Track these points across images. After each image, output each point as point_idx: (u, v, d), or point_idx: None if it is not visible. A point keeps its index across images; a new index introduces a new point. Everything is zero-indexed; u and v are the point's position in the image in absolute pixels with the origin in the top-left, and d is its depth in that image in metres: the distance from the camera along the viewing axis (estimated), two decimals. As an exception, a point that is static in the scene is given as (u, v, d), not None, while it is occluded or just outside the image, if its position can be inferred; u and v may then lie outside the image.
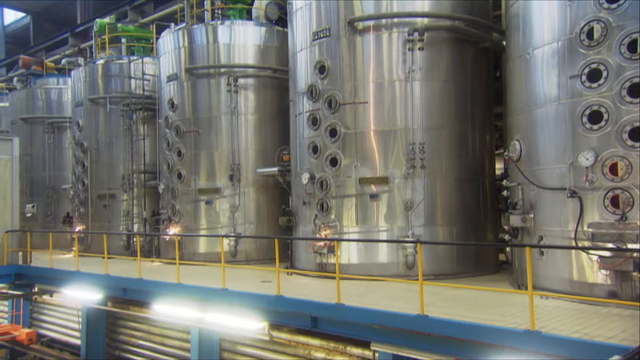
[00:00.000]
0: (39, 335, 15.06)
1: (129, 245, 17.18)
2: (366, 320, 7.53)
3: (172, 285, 10.53)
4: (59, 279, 13.40)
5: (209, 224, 14.59)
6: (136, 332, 13.20)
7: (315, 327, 8.39)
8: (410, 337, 7.05)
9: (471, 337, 6.30)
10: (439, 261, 10.46)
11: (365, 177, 10.84)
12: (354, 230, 10.92)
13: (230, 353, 11.04)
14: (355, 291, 9.07)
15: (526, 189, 8.79)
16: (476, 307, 7.47)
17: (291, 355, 9.96)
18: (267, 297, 8.97)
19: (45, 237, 16.68)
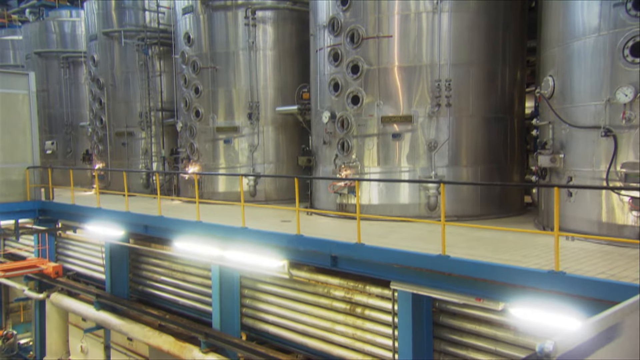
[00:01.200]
0: (65, 269, 15.77)
1: (149, 183, 17.51)
2: (386, 260, 7.64)
3: (193, 223, 10.77)
4: (81, 216, 13.83)
5: (227, 163, 14.70)
6: (158, 269, 13.71)
7: (335, 267, 8.56)
8: (431, 277, 7.15)
9: (493, 277, 6.36)
10: (462, 202, 10.44)
11: (387, 116, 10.66)
12: (375, 170, 10.88)
13: (250, 290, 11.43)
14: (376, 232, 9.16)
15: (557, 128, 8.56)
16: (499, 248, 7.50)
17: (311, 294, 10.25)
18: (287, 236, 9.12)
19: (65, 174, 17.09)
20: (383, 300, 8.96)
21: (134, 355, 13.42)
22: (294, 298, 10.53)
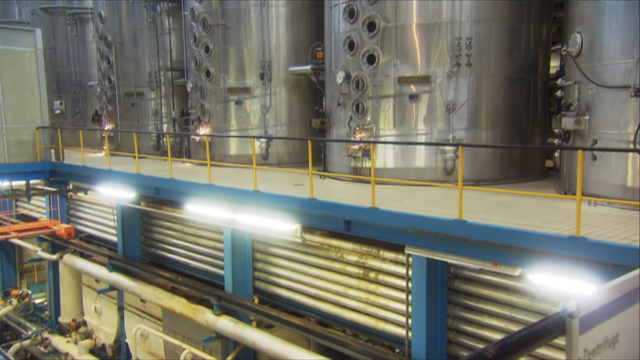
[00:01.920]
0: (77, 231, 16.11)
1: (159, 145, 17.60)
2: (401, 224, 7.65)
3: (204, 186, 10.85)
4: (92, 177, 14.00)
5: (239, 125, 14.68)
6: (170, 232, 13.93)
7: (349, 231, 8.61)
8: (447, 242, 7.16)
9: (511, 242, 6.34)
10: (481, 166, 10.34)
11: (404, 76, 10.48)
12: (391, 133, 10.78)
13: (262, 254, 11.58)
14: (391, 196, 9.15)
15: (583, 88, 8.35)
16: (518, 213, 7.46)
17: (324, 258, 10.36)
18: (299, 199, 9.16)
19: (75, 135, 17.23)
20: (397, 265, 9.03)
21: (147, 316, 13.79)
22: (306, 262, 10.66)
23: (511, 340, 1.41)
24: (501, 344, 1.37)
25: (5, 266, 19.86)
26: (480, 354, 1.33)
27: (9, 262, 19.98)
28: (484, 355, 1.33)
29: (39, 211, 18.22)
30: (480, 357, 1.32)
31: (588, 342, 1.63)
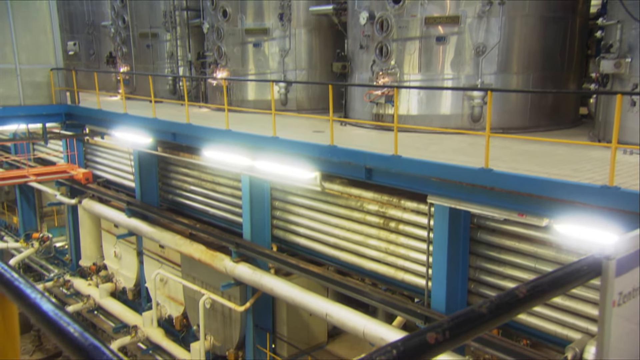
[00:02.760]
0: (94, 176, 16.39)
1: (175, 89, 17.53)
2: (424, 173, 7.56)
3: (222, 131, 10.82)
4: (108, 121, 14.08)
5: (257, 69, 14.46)
6: (188, 178, 14.07)
7: (370, 179, 8.56)
8: (471, 191, 7.08)
9: (539, 192, 6.23)
10: (509, 114, 10.08)
11: (432, 16, 10.09)
12: (416, 78, 10.51)
13: (281, 202, 11.66)
14: (414, 143, 9.02)
15: (626, 28, 7.94)
16: (548, 162, 7.30)
17: (343, 207, 10.39)
18: (319, 146, 9.09)
19: (90, 77, 17.21)
20: (418, 215, 9.02)
21: (166, 262, 14.17)
22: (326, 211, 10.71)
23: (544, 280, 1.36)
24: (534, 284, 1.32)
25: (25, 209, 20.46)
26: (511, 293, 1.28)
27: (29, 205, 20.57)
28: (515, 295, 1.28)
29: (56, 155, 18.52)
30: (512, 297, 1.28)
31: (623, 285, 1.59)
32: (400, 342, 1.16)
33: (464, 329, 1.23)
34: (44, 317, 1.28)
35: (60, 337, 1.23)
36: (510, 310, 1.30)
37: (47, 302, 1.31)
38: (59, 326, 1.24)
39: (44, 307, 1.29)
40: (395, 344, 1.15)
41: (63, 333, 1.23)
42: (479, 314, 1.26)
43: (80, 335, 1.20)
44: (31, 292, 1.35)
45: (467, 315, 1.25)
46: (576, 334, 7.09)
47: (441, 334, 1.19)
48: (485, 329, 1.28)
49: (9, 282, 1.42)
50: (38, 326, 1.27)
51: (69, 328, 1.23)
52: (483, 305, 1.27)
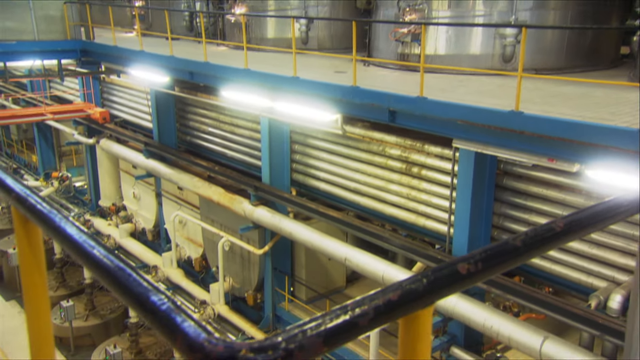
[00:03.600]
0: (111, 116, 16.51)
1: (192, 26, 17.26)
2: (450, 116, 7.43)
3: (241, 70, 10.70)
4: (124, 59, 14.01)
5: (277, 5, 14.11)
6: (206, 119, 14.08)
7: (393, 122, 8.46)
8: (499, 135, 6.95)
9: (572, 135, 6.08)
10: (544, 53, 9.72)
11: (465, -52, 9.61)
12: (445, 14, 10.15)
13: (301, 145, 11.65)
14: (440, 85, 8.83)
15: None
16: (583, 105, 7.09)
17: (365, 151, 10.35)
18: (341, 87, 8.95)
19: (104, 12, 17.00)
20: (442, 160, 8.95)
21: (185, 204, 14.43)
22: (346, 155, 10.69)
23: (583, 214, 1.32)
24: (572, 218, 1.29)
25: (44, 148, 20.85)
26: (548, 226, 1.25)
27: (47, 144, 20.93)
28: (552, 228, 1.25)
29: (72, 93, 18.62)
30: (548, 230, 1.25)
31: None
32: (431, 271, 1.15)
33: (497, 260, 1.22)
34: (69, 240, 1.29)
35: (86, 260, 1.25)
36: (545, 244, 1.27)
37: (72, 226, 1.32)
38: (84, 249, 1.25)
39: (69, 230, 1.31)
40: (426, 273, 1.14)
41: (88, 255, 1.24)
42: (513, 246, 1.24)
43: (106, 258, 1.22)
44: (55, 215, 1.37)
45: (500, 248, 1.23)
46: (601, 282, 7.11)
47: (473, 265, 1.18)
48: (518, 262, 1.26)
49: (32, 206, 1.44)
50: (64, 248, 1.29)
51: (94, 251, 1.24)
52: (517, 238, 1.25)
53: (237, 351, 0.94)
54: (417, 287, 1.12)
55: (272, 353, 0.94)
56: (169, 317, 1.03)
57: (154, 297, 1.08)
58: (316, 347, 0.98)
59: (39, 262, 1.52)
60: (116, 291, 1.16)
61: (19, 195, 1.49)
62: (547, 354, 6.62)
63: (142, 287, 1.12)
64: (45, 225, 1.37)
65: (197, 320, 1.01)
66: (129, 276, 1.16)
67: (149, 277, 14.63)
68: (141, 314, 1.08)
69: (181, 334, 0.99)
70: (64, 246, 1.31)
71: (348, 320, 1.02)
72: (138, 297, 1.11)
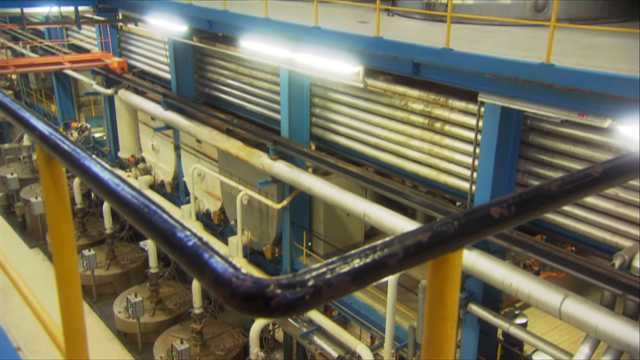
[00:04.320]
0: (129, 66, 16.48)
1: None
2: (477, 68, 7.25)
3: (260, 20, 10.52)
4: (141, 6, 13.85)
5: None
6: (224, 71, 13.98)
7: (417, 75, 8.29)
8: (528, 89, 6.78)
9: (605, 89, 5.89)
10: (579, 2, 9.32)
11: None
12: (475, -38, 9.76)
13: (321, 99, 11.54)
14: (468, 36, 8.60)
15: None
16: (618, 57, 6.86)
17: (386, 105, 10.21)
18: (364, 38, 8.76)
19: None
20: (467, 115, 8.80)
21: (203, 157, 14.52)
22: (367, 110, 10.57)
23: (622, 161, 1.28)
24: (612, 164, 1.25)
25: (63, 98, 21.00)
26: (586, 172, 1.21)
27: (66, 94, 21.07)
28: (589, 174, 1.22)
29: (90, 42, 18.57)
30: (586, 176, 1.21)
31: None
32: (463, 214, 1.13)
33: (531, 205, 1.19)
34: (93, 177, 1.30)
35: (112, 197, 1.25)
36: (582, 190, 1.24)
37: (96, 164, 1.32)
38: (110, 186, 1.26)
39: (93, 168, 1.31)
40: (457, 216, 1.12)
41: (114, 193, 1.25)
42: (548, 190, 1.21)
43: (131, 195, 1.22)
44: (79, 153, 1.37)
45: (535, 192, 1.20)
46: (626, 241, 7.04)
47: (506, 209, 1.15)
48: (553, 207, 1.23)
49: (56, 144, 1.44)
50: (88, 185, 1.30)
51: (120, 188, 1.25)
52: (553, 182, 1.22)
53: (265, 287, 0.94)
54: (448, 230, 1.10)
55: (300, 290, 0.94)
56: (196, 253, 1.03)
57: (181, 234, 1.09)
58: (345, 285, 0.98)
59: (64, 200, 1.54)
60: (143, 228, 1.17)
61: (42, 133, 1.49)
62: (567, 312, 6.65)
63: (169, 224, 1.12)
64: (69, 163, 1.38)
65: (224, 257, 1.02)
66: (155, 213, 1.16)
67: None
68: (168, 251, 1.09)
69: (209, 270, 0.99)
70: (89, 184, 1.31)
71: (377, 259, 1.02)
72: (165, 234, 1.11)
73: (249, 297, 0.93)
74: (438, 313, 1.19)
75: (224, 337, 14.21)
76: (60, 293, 1.62)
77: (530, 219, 1.21)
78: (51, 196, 1.55)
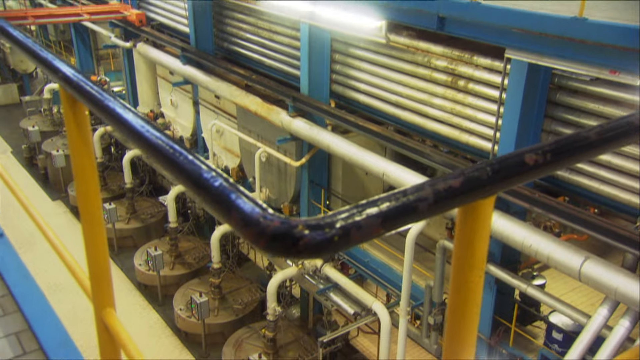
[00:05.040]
0: (148, 19, 16.32)
1: None
2: (505, 22, 7.04)
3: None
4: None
5: None
6: (244, 25, 13.78)
7: (442, 29, 8.10)
8: (557, 45, 6.58)
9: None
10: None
11: None
12: None
13: (342, 55, 11.35)
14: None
15: None
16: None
17: (408, 62, 10.01)
18: (387, -10, 8.52)
19: None
20: (492, 72, 8.60)
21: (222, 113, 14.51)
22: (389, 66, 10.38)
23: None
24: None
25: (82, 50, 21.00)
26: (626, 120, 1.17)
27: (84, 46, 21.05)
28: (631, 122, 1.17)
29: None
30: (627, 124, 1.17)
31: None
32: (496, 160, 1.10)
33: (567, 153, 1.15)
34: (117, 118, 1.29)
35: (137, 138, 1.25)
36: (621, 139, 1.20)
37: (121, 106, 1.31)
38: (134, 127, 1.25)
39: (117, 109, 1.30)
40: (490, 162, 1.09)
41: (139, 134, 1.24)
42: (586, 138, 1.17)
43: (156, 136, 1.21)
44: (102, 94, 1.36)
45: (571, 139, 1.16)
46: (652, 204, 6.94)
47: (541, 156, 1.12)
48: (590, 156, 1.19)
49: (80, 86, 1.43)
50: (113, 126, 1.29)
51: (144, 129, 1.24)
52: (592, 130, 1.18)
53: (293, 227, 0.93)
54: (481, 175, 1.07)
55: (328, 231, 0.93)
56: (222, 194, 1.02)
57: (207, 175, 1.08)
58: (373, 228, 0.96)
59: (87, 143, 1.54)
60: (168, 169, 1.16)
61: (66, 75, 1.48)
62: (587, 274, 6.63)
63: (195, 165, 1.11)
64: (93, 104, 1.37)
65: (251, 197, 1.01)
66: (181, 154, 1.15)
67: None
68: (194, 192, 1.08)
69: (236, 210, 0.98)
70: (114, 125, 1.30)
71: (407, 203, 1.00)
72: (191, 175, 1.10)
73: (276, 237, 0.92)
74: (466, 261, 1.17)
75: (242, 292, 14.51)
76: (86, 234, 1.64)
77: (565, 167, 1.18)
78: (75, 139, 1.55)
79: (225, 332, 13.62)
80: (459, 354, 1.24)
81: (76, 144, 1.54)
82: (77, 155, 1.54)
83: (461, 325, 1.22)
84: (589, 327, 6.94)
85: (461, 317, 1.22)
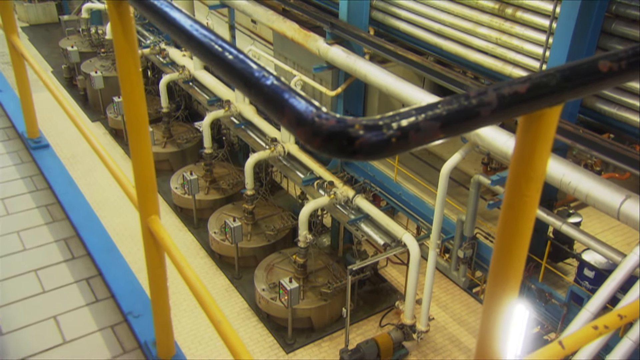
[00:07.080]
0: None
1: None
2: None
3: None
4: None
5: None
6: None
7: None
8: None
9: None
10: None
11: None
12: None
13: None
14: None
15: None
16: None
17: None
18: None
19: None
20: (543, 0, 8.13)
21: (258, 39, 14.25)
22: (433, -8, 9.92)
23: None
24: None
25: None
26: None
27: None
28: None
29: None
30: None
31: None
32: (567, 65, 1.02)
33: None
34: (163, 16, 1.24)
35: (185, 37, 1.21)
36: None
37: (167, 3, 1.26)
38: (182, 26, 1.21)
39: (164, 7, 1.26)
40: (561, 67, 1.02)
41: (186, 32, 1.20)
42: (669, 47, 1.07)
43: (204, 36, 1.17)
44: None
45: (651, 48, 1.07)
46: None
47: (616, 63, 1.04)
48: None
49: (124, -16, 1.38)
50: (158, 25, 1.25)
51: (192, 28, 1.20)
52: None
53: (349, 126, 0.89)
54: (549, 82, 1.00)
55: (386, 131, 0.89)
56: (275, 92, 0.98)
57: (258, 73, 1.03)
58: (433, 131, 0.92)
59: (132, 45, 1.50)
60: (218, 68, 1.12)
61: (110, -27, 1.43)
62: (626, 213, 6.48)
63: (245, 63, 1.07)
64: (139, 3, 1.32)
65: (304, 96, 0.96)
66: (231, 52, 1.11)
67: (222, 111, 15.12)
68: (245, 92, 1.05)
69: (289, 109, 0.94)
70: (159, 23, 1.26)
71: (470, 107, 0.94)
72: (241, 73, 1.06)
73: (332, 137, 0.89)
74: (524, 174, 1.12)
75: (274, 219, 14.79)
76: (132, 141, 1.64)
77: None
78: (120, 41, 1.51)
79: (258, 256, 14.03)
80: (508, 271, 1.22)
81: (122, 47, 1.51)
82: (122, 58, 1.52)
83: (512, 241, 1.18)
84: (623, 265, 6.87)
85: (512, 233, 1.18)
